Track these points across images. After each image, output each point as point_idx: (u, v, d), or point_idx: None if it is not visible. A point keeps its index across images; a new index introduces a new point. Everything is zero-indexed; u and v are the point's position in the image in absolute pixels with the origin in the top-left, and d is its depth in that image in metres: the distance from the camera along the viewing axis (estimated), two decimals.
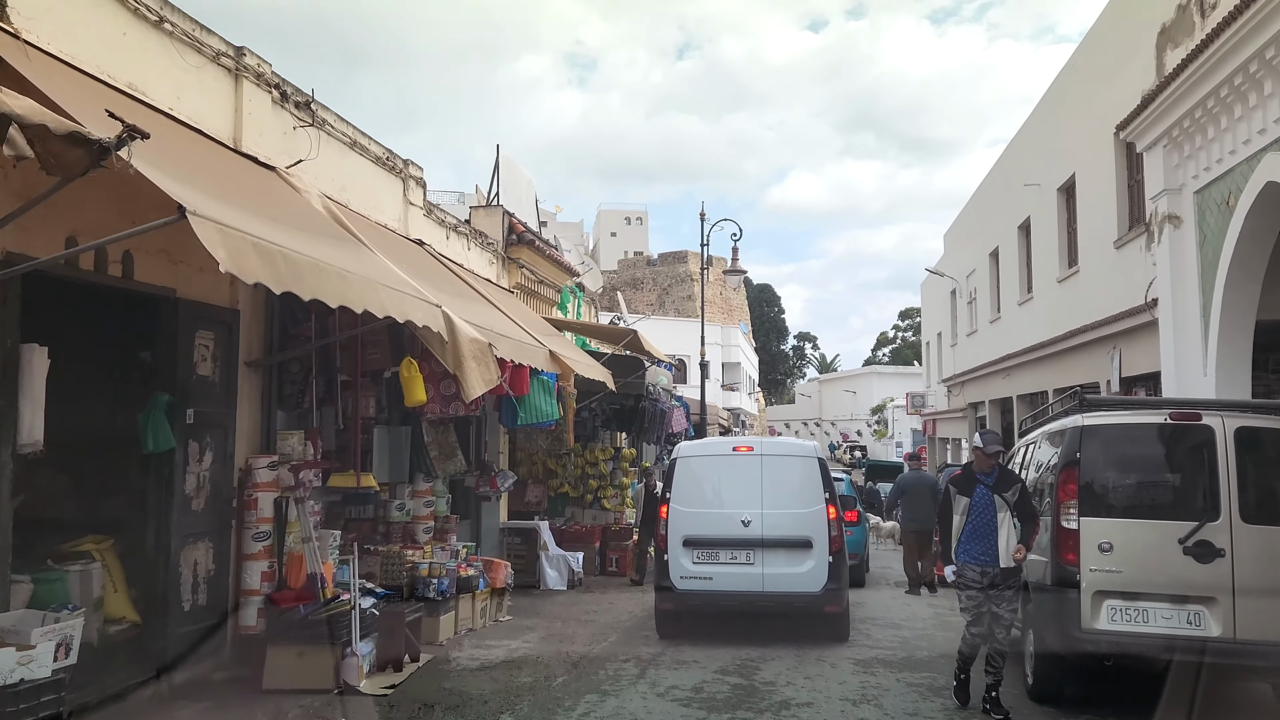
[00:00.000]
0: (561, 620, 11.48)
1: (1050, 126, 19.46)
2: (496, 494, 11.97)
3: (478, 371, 7.99)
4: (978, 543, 7.55)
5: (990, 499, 7.55)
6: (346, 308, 6.24)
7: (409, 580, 9.64)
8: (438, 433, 11.17)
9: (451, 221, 12.99)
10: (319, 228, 7.53)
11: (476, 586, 10.54)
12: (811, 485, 9.91)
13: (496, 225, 14.89)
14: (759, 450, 10.25)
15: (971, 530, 7.59)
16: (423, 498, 10.89)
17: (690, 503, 10.10)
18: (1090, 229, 16.79)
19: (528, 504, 17.00)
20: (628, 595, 13.72)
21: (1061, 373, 18.61)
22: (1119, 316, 14.92)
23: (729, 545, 9.82)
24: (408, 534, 10.71)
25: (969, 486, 7.70)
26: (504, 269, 14.97)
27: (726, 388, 56.87)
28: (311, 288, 5.80)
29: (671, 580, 9.96)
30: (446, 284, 10.36)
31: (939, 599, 14.02)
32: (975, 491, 7.63)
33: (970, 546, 7.60)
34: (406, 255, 10.05)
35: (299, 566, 7.94)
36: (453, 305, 8.91)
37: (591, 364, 13.13)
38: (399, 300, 7.06)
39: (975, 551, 7.56)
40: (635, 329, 15.27)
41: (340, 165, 9.96)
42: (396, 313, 6.94)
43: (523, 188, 16.63)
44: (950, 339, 31.99)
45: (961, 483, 7.79)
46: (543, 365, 10.61)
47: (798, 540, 9.73)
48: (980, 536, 7.54)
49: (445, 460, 11.14)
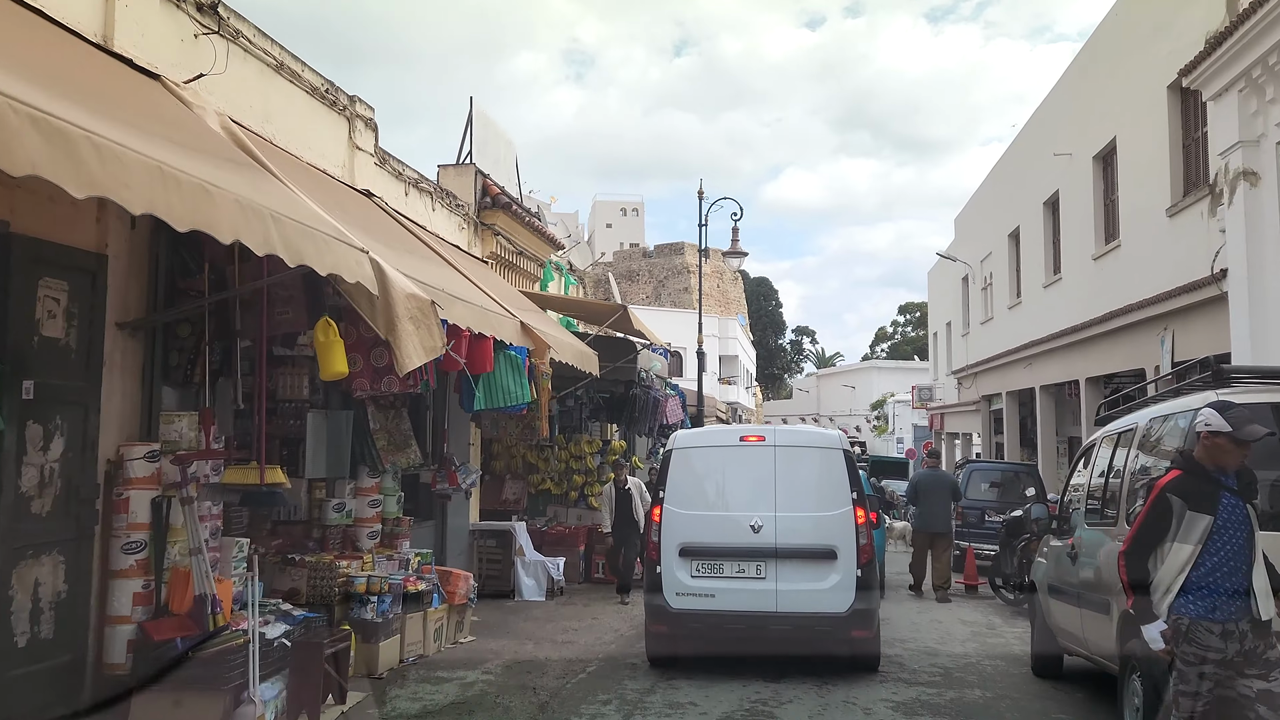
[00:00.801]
0: (534, 641, 9.72)
1: (1085, 89, 17.69)
2: (458, 491, 10.20)
3: (415, 337, 6.22)
4: (1222, 584, 4.71)
5: (1243, 514, 4.77)
6: (261, 259, 4.49)
7: (342, 598, 7.89)
8: (387, 419, 9.39)
9: (412, 175, 11.20)
10: (207, 148, 5.75)
11: (430, 603, 8.77)
12: (836, 482, 8.18)
13: (468, 186, 13.11)
14: (772, 440, 8.48)
15: (1215, 566, 4.71)
16: (367, 496, 9.12)
17: (688, 503, 8.39)
18: (1135, 197, 15.04)
19: (504, 502, 15.26)
20: (614, 608, 11.97)
21: (1096, 360, 16.88)
22: (1171, 294, 13.20)
23: (735, 555, 8.11)
24: (348, 540, 8.94)
25: (1209, 497, 4.77)
26: (476, 236, 13.19)
27: (724, 381, 55.11)
28: (144, 198, 4.03)
29: (665, 598, 8.20)
30: (395, 239, 8.58)
31: (964, 609, 12.30)
32: (1220, 504, 4.75)
33: (1206, 592, 4.72)
34: (345, 204, 8.27)
35: (184, 586, 6.16)
36: (394, 258, 7.15)
37: (573, 343, 11.36)
38: (303, 237, 5.29)
39: (1215, 601, 4.70)
40: (626, 305, 13.48)
41: (262, 91, 8.17)
42: (297, 255, 5.17)
43: (501, 148, 14.83)
44: (962, 328, 30.25)
45: (1193, 490, 4.80)
46: (511, 338, 8.85)
47: (819, 550, 8.04)
48: (1228, 574, 4.71)
49: (396, 452, 9.36)
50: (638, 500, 12.89)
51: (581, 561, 14.32)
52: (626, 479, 13.12)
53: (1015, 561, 12.20)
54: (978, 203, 28.10)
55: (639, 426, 16.53)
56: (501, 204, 13.21)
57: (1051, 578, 7.64)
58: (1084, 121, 17.47)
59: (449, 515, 12.10)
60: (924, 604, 13.23)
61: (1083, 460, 7.81)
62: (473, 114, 13.68)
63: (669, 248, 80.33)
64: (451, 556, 12.09)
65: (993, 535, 17.18)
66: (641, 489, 13.17)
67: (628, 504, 12.88)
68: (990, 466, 19.43)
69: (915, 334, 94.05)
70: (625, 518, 12.87)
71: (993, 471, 18.67)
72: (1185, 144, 13.44)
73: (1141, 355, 14.74)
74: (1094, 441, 7.55)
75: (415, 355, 6.20)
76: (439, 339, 6.43)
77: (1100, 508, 6.64)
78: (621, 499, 13.03)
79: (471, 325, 7.84)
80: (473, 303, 8.18)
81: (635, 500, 12.90)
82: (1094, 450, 7.42)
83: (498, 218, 13.33)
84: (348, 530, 8.96)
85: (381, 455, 9.15)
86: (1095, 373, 17.16)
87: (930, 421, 37.99)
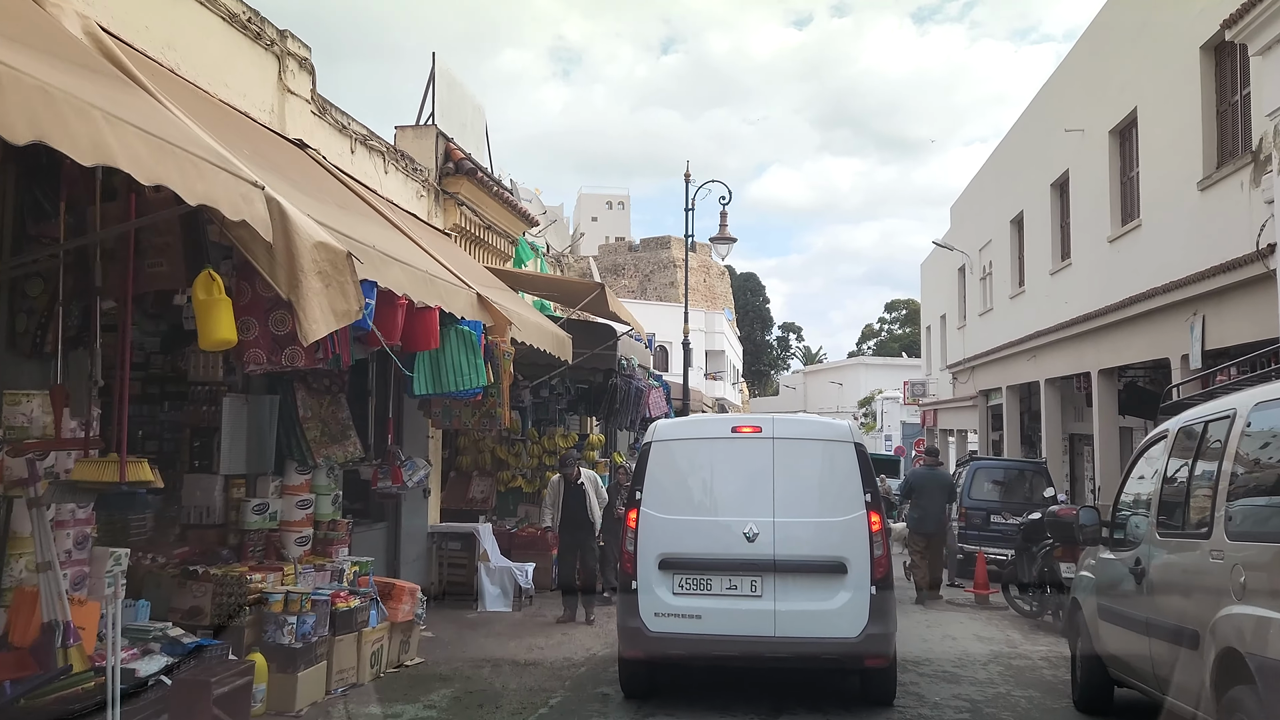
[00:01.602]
0: (493, 663, 8.42)
1: (1100, 59, 16.48)
2: (405, 490, 8.87)
3: (324, 297, 4.91)
4: None
5: None
6: (129, 198, 3.17)
7: (254, 618, 6.57)
8: (321, 405, 8.07)
9: (360, 131, 9.87)
10: (51, 48, 4.42)
11: (365, 622, 7.45)
12: (847, 482, 6.92)
13: (429, 150, 11.78)
14: (770, 431, 7.15)
15: None
16: (296, 496, 7.81)
17: (670, 506, 7.10)
18: (1159, 172, 13.83)
19: (471, 501, 13.94)
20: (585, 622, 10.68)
21: (1112, 349, 15.67)
22: (1202, 275, 11.99)
23: (726, 569, 6.85)
24: (273, 547, 7.63)
25: None
26: (437, 205, 11.86)
27: (710, 376, 53.88)
28: None
29: (641, 619, 6.88)
30: (327, 193, 7.26)
31: (976, 621, 11.07)
32: None
33: None
34: (267, 151, 6.95)
35: (29, 612, 4.85)
36: (316, 209, 5.85)
37: (541, 323, 10.06)
38: (158, 153, 3.96)
39: None
40: (604, 284, 12.17)
41: (165, 14, 6.84)
42: (148, 172, 3.85)
43: (468, 113, 13.49)
44: (958, 320, 29.06)
45: None
46: (464, 311, 7.54)
47: (826, 562, 6.79)
48: None
49: (331, 444, 8.05)
50: (592, 497, 11.04)
51: (554, 567, 12.99)
52: (580, 473, 11.08)
53: (1035, 569, 10.99)
54: (976, 188, 26.90)
55: (620, 419, 15.24)
56: (466, 170, 11.88)
57: (1104, 597, 6.38)
58: (1099, 94, 16.25)
59: (404, 516, 10.81)
60: (929, 614, 12.00)
61: (1140, 459, 6.55)
62: (435, 71, 12.33)
63: (655, 241, 79.10)
64: (406, 563, 10.79)
65: (999, 538, 16.03)
66: (598, 484, 11.35)
67: (581, 502, 10.94)
68: (996, 464, 18.23)
69: (902, 331, 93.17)
70: (578, 518, 10.92)
71: (999, 469, 17.49)
72: (1220, 110, 12.22)
73: (1165, 343, 13.54)
74: (1158, 436, 6.25)
75: (323, 320, 4.89)
76: (355, 301, 5.11)
77: (1180, 516, 5.37)
78: (573, 496, 10.96)
79: (411, 293, 6.53)
80: (415, 267, 6.86)
81: (590, 497, 11.00)
82: (1161, 446, 6.12)
83: (461, 185, 12.01)
84: (272, 536, 7.65)
85: (313, 448, 7.84)
86: (1109, 364, 15.97)
87: (923, 418, 36.83)
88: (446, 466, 13.83)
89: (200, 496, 7.44)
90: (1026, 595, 11.39)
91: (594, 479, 11.29)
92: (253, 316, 5.39)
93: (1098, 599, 6.54)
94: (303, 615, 6.67)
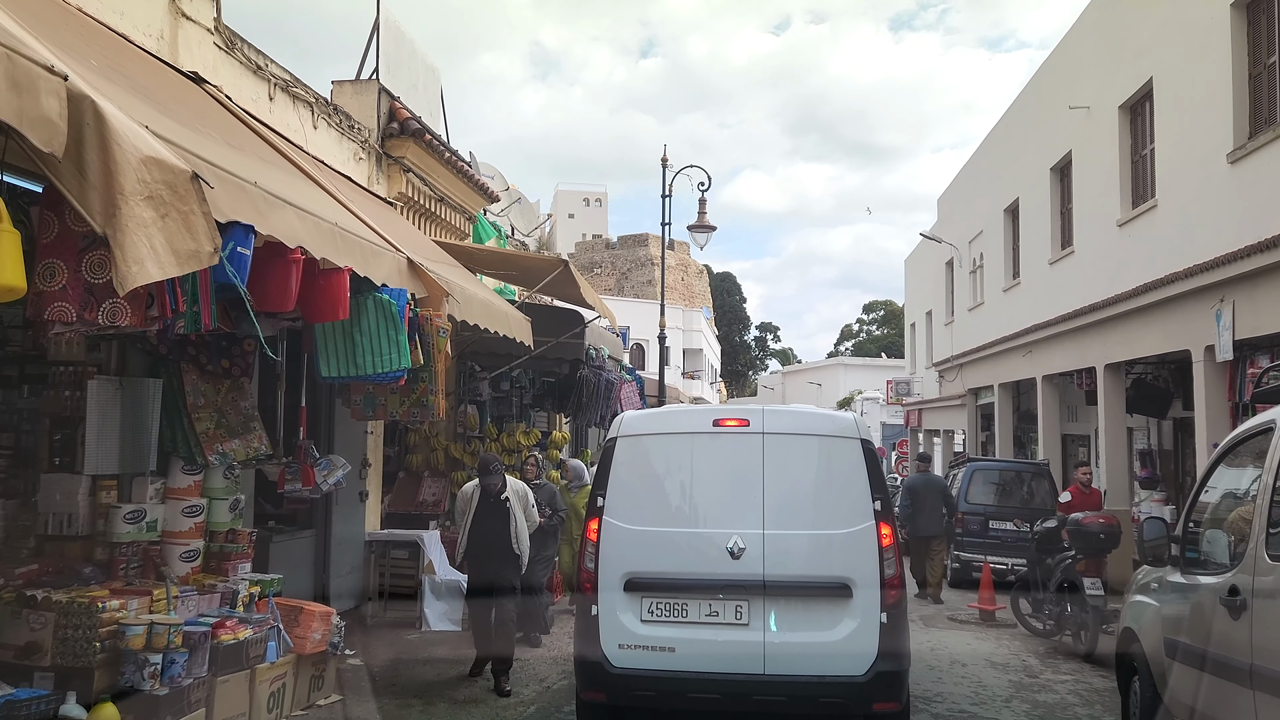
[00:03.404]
0: (423, 701, 7.07)
1: (1109, 29, 15.30)
2: (315, 493, 7.45)
3: (158, 230, 3.60)
4: None
5: None
6: None
7: (105, 658, 5.19)
8: (218, 391, 6.68)
9: (281, 76, 8.49)
10: None
11: (261, 656, 6.08)
12: (852, 487, 5.78)
13: (369, 107, 10.40)
14: (759, 425, 5.97)
15: None
16: (182, 500, 6.42)
17: (638, 515, 5.92)
18: (1179, 146, 12.65)
19: (421, 504, 12.50)
20: (544, 640, 9.35)
21: (1121, 342, 14.50)
22: (1233, 256, 10.81)
23: (706, 591, 5.69)
24: (151, 564, 6.24)
25: None
26: (380, 171, 10.48)
27: (688, 375, 52.64)
28: None
29: (603, 651, 5.71)
30: (221, 131, 5.87)
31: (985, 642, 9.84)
32: None
33: None
34: (131, 69, 5.58)
35: None
36: (189, 138, 4.53)
37: (490, 300, 8.73)
38: None
39: None
40: (566, 260, 10.82)
41: None
42: None
43: (419, 73, 12.11)
44: (945, 316, 27.91)
45: None
46: (386, 278, 6.19)
47: (827, 584, 5.65)
48: None
49: (229, 437, 6.66)
50: (518, 516, 7.89)
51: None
52: (506, 484, 7.98)
53: (1053, 584, 9.74)
54: (966, 178, 25.76)
55: (588, 414, 13.91)
56: (412, 131, 10.50)
57: (1178, 632, 5.12)
58: (1108, 67, 15.08)
59: (335, 523, 9.45)
60: (930, 632, 10.73)
61: (1222, 461, 5.28)
62: (379, 20, 10.94)
63: (632, 239, 78.03)
64: (338, 577, 9.44)
65: (998, 545, 14.89)
66: (528, 499, 8.23)
67: (502, 523, 7.79)
68: (995, 466, 17.03)
69: (880, 332, 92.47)
70: (494, 545, 7.80)
71: (997, 471, 16.31)
72: (1253, 74, 11.04)
73: (1185, 334, 12.36)
74: (1256, 430, 4.94)
75: (153, 262, 3.55)
76: (206, 240, 3.77)
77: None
78: (491, 513, 7.82)
79: (312, 246, 5.16)
80: (320, 218, 5.49)
81: (514, 517, 7.86)
82: (1262, 444, 4.81)
83: (408, 149, 10.63)
84: (150, 550, 6.26)
85: (204, 442, 6.45)
86: (1118, 358, 14.80)
87: (907, 418, 35.68)
88: (395, 465, 12.45)
89: (60, 501, 6.04)
90: (1041, 613, 10.14)
91: (522, 493, 8.19)
92: (59, 259, 4.00)
93: (1166, 633, 5.26)
94: (170, 652, 5.30)
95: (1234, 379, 11.47)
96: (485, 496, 7.86)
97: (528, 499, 8.22)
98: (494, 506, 7.82)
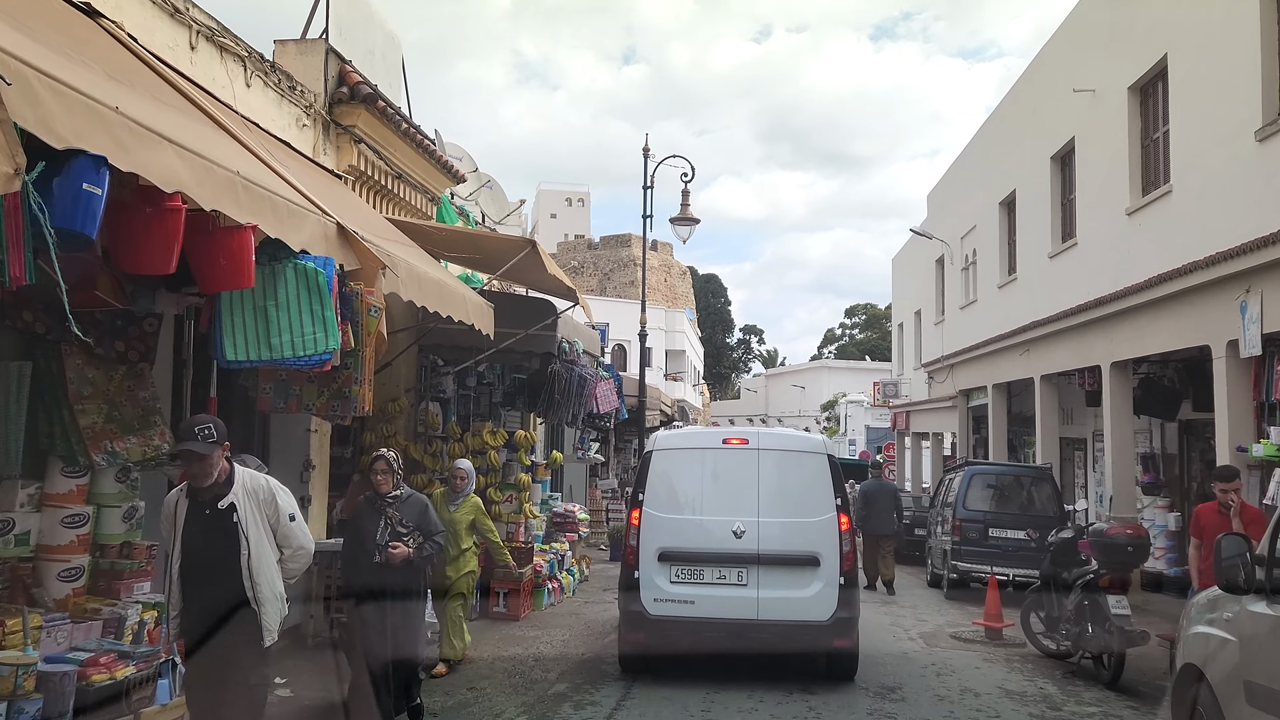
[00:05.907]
0: None
1: (1118, 6, 14.43)
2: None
3: None
4: None
5: None
6: None
7: None
8: (109, 379, 5.64)
9: (206, 24, 7.44)
10: None
11: (149, 699, 5.04)
12: (820, 488, 8.19)
13: (316, 69, 9.36)
14: (755, 444, 8.45)
15: None
16: (62, 509, 5.38)
17: (668, 506, 8.35)
18: (1198, 127, 11.78)
19: None
20: (504, 670, 8.33)
21: (1130, 338, 13.62)
22: (1260, 243, 9.95)
23: (716, 561, 8.07)
24: (22, 584, 5.19)
25: None
26: (327, 140, 9.43)
27: (670, 377, 51.56)
28: None
29: (643, 604, 8.02)
30: (107, 64, 4.82)
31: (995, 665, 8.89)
32: None
33: None
34: None
35: None
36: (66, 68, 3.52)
37: (446, 281, 7.70)
38: None
39: None
40: (534, 241, 9.79)
41: None
42: None
43: (377, 39, 11.07)
44: (935, 315, 27.04)
45: None
46: (308, 244, 5.14)
47: (802, 556, 8.03)
48: None
49: (123, 434, 5.61)
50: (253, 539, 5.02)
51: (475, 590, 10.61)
52: (396, 483, 6.35)
53: (1072, 602, 8.79)
54: (958, 172, 24.89)
55: (560, 413, 12.89)
56: (364, 96, 9.46)
57: (1268, 676, 4.16)
58: (1117, 46, 14.20)
59: None
60: (935, 653, 9.77)
61: None
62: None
63: (615, 240, 77.11)
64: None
65: (998, 555, 14.02)
66: (425, 512, 6.46)
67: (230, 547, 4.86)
68: (994, 469, 16.13)
69: (863, 336, 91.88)
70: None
71: (998, 475, 15.41)
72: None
73: (1204, 328, 11.47)
74: None
75: None
76: (5, 160, 2.75)
77: None
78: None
79: (195, 194, 4.12)
80: (214, 162, 4.44)
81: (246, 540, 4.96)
82: None
83: (359, 116, 9.58)
84: (21, 568, 5.21)
85: (88, 440, 5.41)
86: (1125, 355, 13.91)
87: (894, 421, 34.79)
88: (348, 468, 11.38)
89: None
90: (1056, 632, 9.21)
91: (421, 504, 6.54)
92: None
93: (1248, 676, 4.31)
94: (20, 699, 4.26)
95: (1260, 376, 10.57)
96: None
97: (425, 511, 6.37)
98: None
